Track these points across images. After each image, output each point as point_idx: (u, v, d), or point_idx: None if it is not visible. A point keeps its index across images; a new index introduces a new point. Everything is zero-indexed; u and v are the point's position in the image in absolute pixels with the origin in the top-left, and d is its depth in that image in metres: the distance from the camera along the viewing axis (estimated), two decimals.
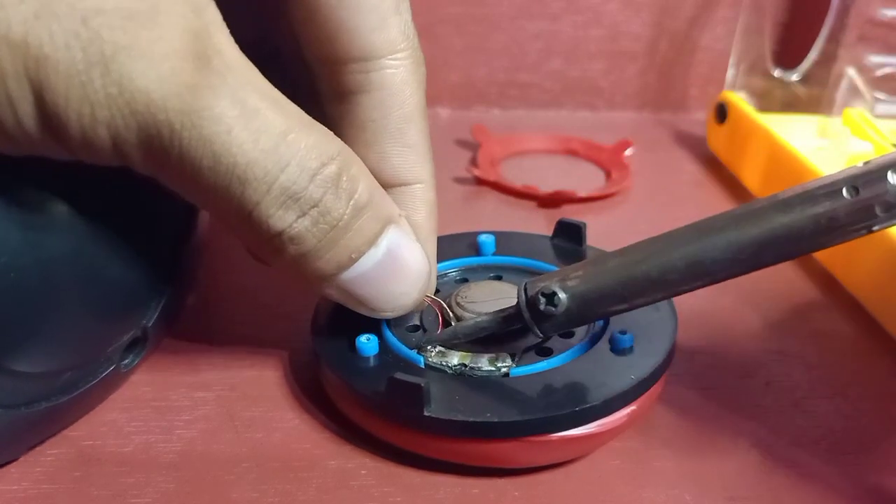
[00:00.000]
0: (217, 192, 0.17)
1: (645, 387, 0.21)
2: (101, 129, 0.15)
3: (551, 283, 0.20)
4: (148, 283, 0.22)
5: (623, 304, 0.19)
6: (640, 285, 0.19)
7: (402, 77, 0.21)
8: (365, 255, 0.19)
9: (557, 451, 0.21)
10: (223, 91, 0.16)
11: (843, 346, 0.27)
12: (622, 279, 0.19)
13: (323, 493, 0.20)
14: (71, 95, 0.15)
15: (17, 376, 0.19)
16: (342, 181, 0.18)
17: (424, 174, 0.22)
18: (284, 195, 0.17)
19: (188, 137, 0.16)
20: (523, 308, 0.20)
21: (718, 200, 0.39)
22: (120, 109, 0.15)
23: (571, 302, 0.19)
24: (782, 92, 0.42)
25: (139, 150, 0.16)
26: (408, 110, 0.21)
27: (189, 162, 0.16)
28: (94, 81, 0.15)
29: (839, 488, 0.21)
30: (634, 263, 0.19)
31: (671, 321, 0.23)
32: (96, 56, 0.15)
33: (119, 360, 0.22)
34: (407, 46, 0.21)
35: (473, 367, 0.21)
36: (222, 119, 0.16)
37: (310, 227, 0.18)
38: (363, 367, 0.22)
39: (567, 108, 0.49)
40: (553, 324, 0.20)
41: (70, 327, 0.20)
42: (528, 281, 0.20)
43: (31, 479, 0.20)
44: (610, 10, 0.47)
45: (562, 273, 0.20)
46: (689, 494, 0.21)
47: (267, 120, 0.17)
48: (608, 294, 0.19)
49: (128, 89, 0.15)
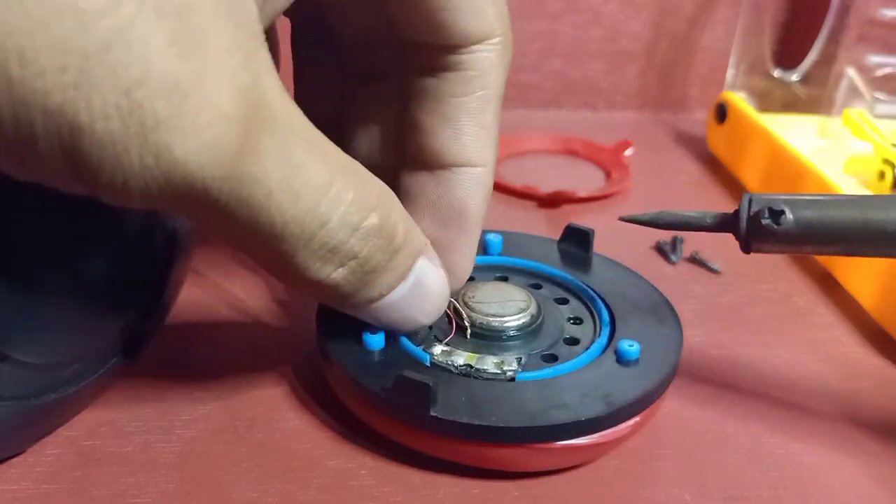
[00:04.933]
0: (254, 244, 0.17)
1: (650, 400, 0.21)
2: (133, 192, 0.15)
3: (779, 202, 0.19)
4: (150, 277, 0.23)
5: (843, 246, 0.19)
6: (870, 233, 0.19)
7: (492, 61, 0.21)
8: (395, 289, 0.20)
9: (560, 459, 0.21)
10: (267, 151, 0.16)
11: (843, 346, 0.27)
12: (855, 221, 0.19)
13: (323, 493, 0.20)
14: (104, 163, 0.14)
15: (27, 368, 0.19)
16: (383, 231, 0.18)
17: (490, 158, 0.22)
18: (324, 249, 0.17)
19: (226, 201, 0.16)
20: (743, 217, 0.20)
21: (718, 200, 0.39)
22: (156, 179, 0.15)
23: (795, 225, 0.19)
24: (782, 92, 0.42)
25: (172, 206, 0.16)
26: (489, 92, 0.21)
27: (224, 218, 0.16)
28: (130, 152, 0.14)
29: (839, 488, 0.21)
30: (872, 209, 0.19)
31: (677, 334, 0.23)
32: (136, 128, 0.14)
33: (122, 352, 0.22)
34: (501, 32, 0.21)
35: (479, 368, 0.21)
36: (264, 182, 0.16)
37: (348, 276, 0.18)
38: (368, 361, 0.22)
39: (567, 108, 0.49)
40: (767, 241, 0.20)
41: (78, 320, 0.20)
42: (752, 193, 0.20)
43: (31, 478, 0.20)
44: (610, 10, 0.47)
45: (789, 196, 0.20)
46: (689, 494, 0.21)
47: (308, 175, 0.17)
48: (835, 230, 0.19)
49: (165, 160, 0.14)
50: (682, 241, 0.33)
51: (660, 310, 0.24)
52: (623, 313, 0.24)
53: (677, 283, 0.31)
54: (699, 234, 0.34)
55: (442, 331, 0.23)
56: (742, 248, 0.20)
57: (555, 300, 0.25)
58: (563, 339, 0.23)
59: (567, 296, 0.25)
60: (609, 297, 0.25)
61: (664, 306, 0.24)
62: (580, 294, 0.25)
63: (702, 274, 0.32)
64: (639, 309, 0.24)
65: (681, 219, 0.21)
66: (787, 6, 0.48)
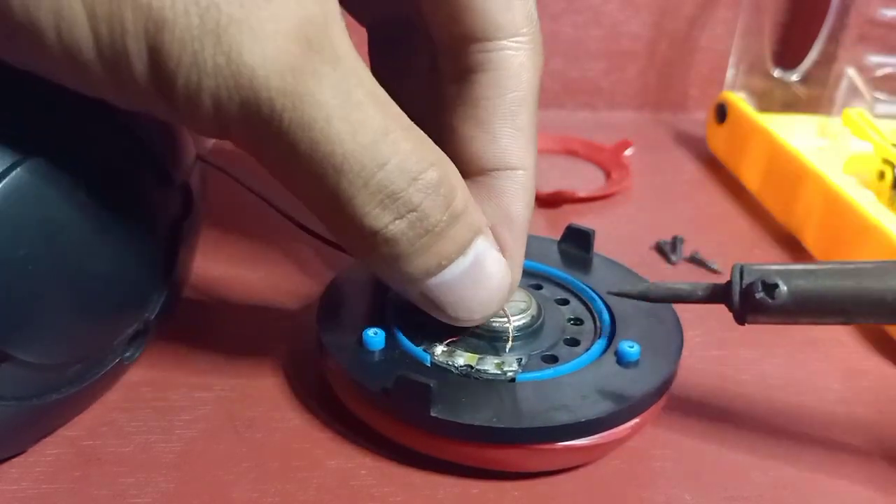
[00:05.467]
0: (311, 179, 0.17)
1: (650, 401, 0.21)
2: (205, 97, 0.16)
3: (772, 274, 0.19)
4: (151, 277, 0.23)
5: (840, 317, 0.19)
6: (869, 303, 0.18)
7: (521, 60, 0.21)
8: (454, 262, 0.19)
9: (561, 460, 0.21)
10: (328, 79, 0.16)
11: (843, 346, 0.28)
12: (852, 291, 0.18)
13: (323, 493, 0.20)
14: (182, 60, 0.15)
15: (30, 368, 0.19)
16: (441, 188, 0.18)
17: (529, 161, 0.22)
18: (382, 193, 0.17)
19: (287, 119, 0.16)
20: (735, 291, 0.19)
21: (718, 201, 0.39)
22: (225, 80, 0.16)
23: (790, 298, 0.19)
24: (782, 92, 0.42)
25: (239, 123, 0.16)
26: (522, 93, 0.21)
27: (286, 143, 0.17)
28: (204, 50, 0.15)
29: (839, 488, 0.21)
30: (869, 278, 0.18)
31: (677, 335, 0.23)
32: (211, 24, 0.15)
33: (123, 352, 0.22)
34: (529, 31, 0.21)
35: (479, 369, 0.21)
36: (323, 106, 0.16)
37: (406, 230, 0.18)
38: (369, 361, 0.22)
39: (567, 108, 0.49)
40: (761, 314, 0.19)
41: (80, 319, 0.20)
42: (742, 264, 0.20)
43: (31, 478, 0.20)
44: (610, 10, 0.47)
45: (782, 266, 0.19)
46: (689, 494, 0.21)
47: (368, 115, 0.17)
48: (831, 301, 0.18)
49: (235, 62, 0.15)
50: (683, 241, 0.33)
51: (660, 310, 0.24)
52: (623, 314, 0.24)
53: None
54: (699, 234, 0.34)
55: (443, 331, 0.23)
56: (736, 320, 0.20)
57: (555, 301, 0.25)
58: (564, 339, 0.23)
59: (567, 296, 0.25)
60: (609, 298, 0.25)
61: (664, 307, 0.24)
62: (580, 295, 0.25)
63: (702, 274, 0.32)
64: (639, 310, 0.24)
65: (671, 292, 0.21)
66: (787, 6, 0.48)
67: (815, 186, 0.33)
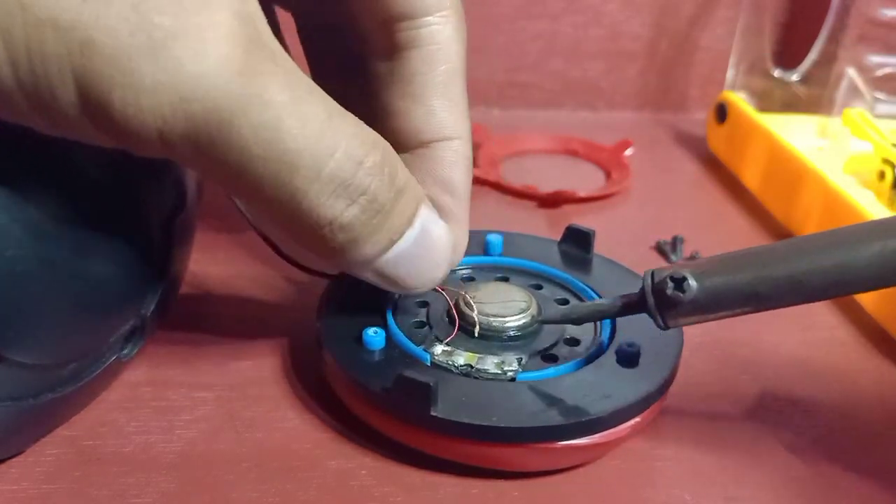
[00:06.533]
0: (266, 181, 0.17)
1: (650, 401, 0.21)
2: (146, 117, 0.15)
3: (682, 269, 0.19)
4: (146, 273, 0.23)
5: (751, 305, 0.19)
6: (777, 286, 0.18)
7: (448, 33, 0.22)
8: (403, 236, 0.20)
9: (561, 459, 0.21)
10: (273, 77, 0.16)
11: (843, 346, 0.28)
12: (760, 276, 0.18)
13: (323, 493, 0.20)
14: (115, 82, 0.14)
15: (25, 368, 0.19)
16: (385, 167, 0.18)
17: (464, 130, 0.23)
18: (334, 183, 0.18)
19: (238, 125, 0.16)
20: (648, 294, 0.20)
21: (718, 200, 0.39)
22: (168, 97, 0.15)
23: (700, 291, 0.19)
24: (782, 92, 0.42)
25: (186, 138, 0.16)
26: (452, 65, 0.22)
27: (238, 149, 0.16)
28: (141, 68, 0.14)
29: (839, 488, 0.21)
30: (775, 262, 0.18)
31: (677, 335, 0.23)
32: (145, 41, 0.14)
33: (119, 350, 0.22)
34: (452, 4, 0.22)
35: (479, 368, 0.21)
36: (274, 104, 0.16)
37: (359, 214, 0.18)
38: (369, 360, 0.22)
39: (567, 108, 0.49)
40: (677, 312, 0.19)
41: (73, 318, 0.20)
42: (653, 269, 0.20)
43: (31, 478, 0.20)
44: (610, 10, 0.47)
45: (692, 262, 0.20)
46: (689, 494, 0.21)
47: (312, 106, 0.17)
48: (740, 289, 0.19)
49: (177, 76, 0.15)
50: (683, 240, 0.33)
51: None
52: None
53: None
54: (699, 234, 0.34)
55: (443, 331, 0.23)
56: (658, 324, 0.20)
57: (555, 301, 0.25)
58: (564, 339, 0.23)
59: (568, 296, 0.25)
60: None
61: None
62: (581, 295, 0.25)
63: None
64: None
65: (592, 309, 0.21)
66: (787, 6, 0.48)
67: (815, 186, 0.33)
